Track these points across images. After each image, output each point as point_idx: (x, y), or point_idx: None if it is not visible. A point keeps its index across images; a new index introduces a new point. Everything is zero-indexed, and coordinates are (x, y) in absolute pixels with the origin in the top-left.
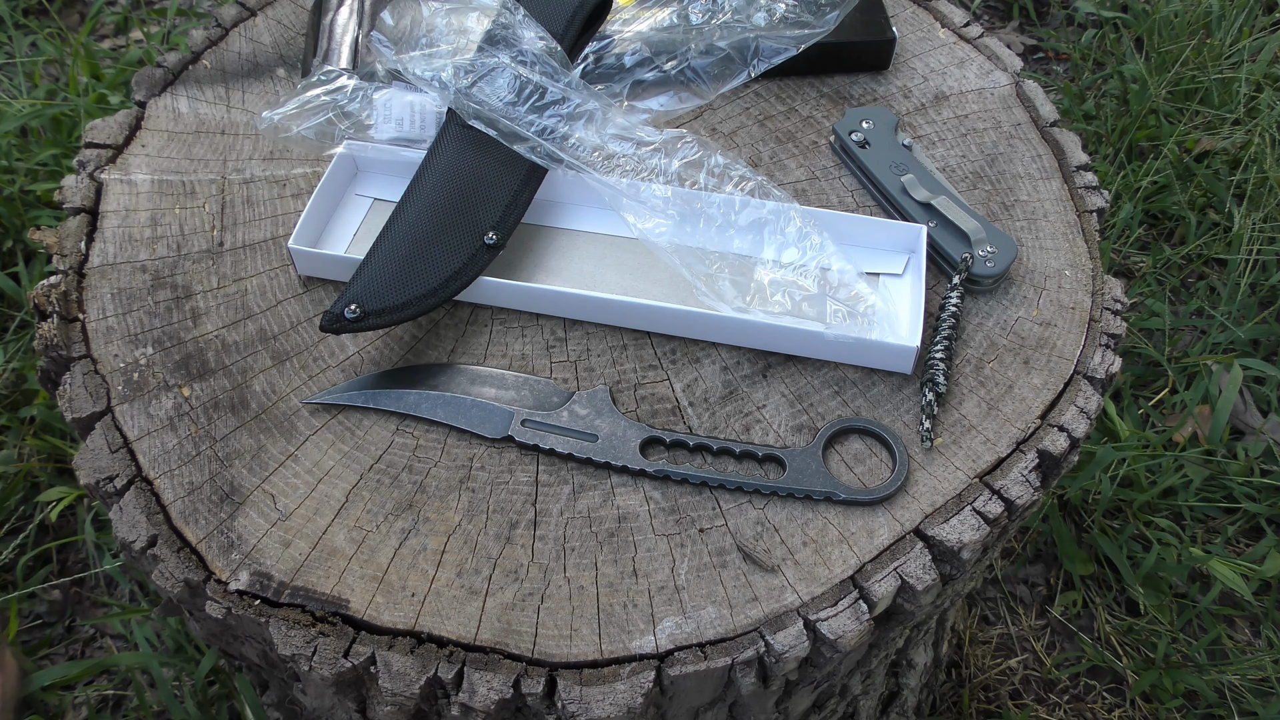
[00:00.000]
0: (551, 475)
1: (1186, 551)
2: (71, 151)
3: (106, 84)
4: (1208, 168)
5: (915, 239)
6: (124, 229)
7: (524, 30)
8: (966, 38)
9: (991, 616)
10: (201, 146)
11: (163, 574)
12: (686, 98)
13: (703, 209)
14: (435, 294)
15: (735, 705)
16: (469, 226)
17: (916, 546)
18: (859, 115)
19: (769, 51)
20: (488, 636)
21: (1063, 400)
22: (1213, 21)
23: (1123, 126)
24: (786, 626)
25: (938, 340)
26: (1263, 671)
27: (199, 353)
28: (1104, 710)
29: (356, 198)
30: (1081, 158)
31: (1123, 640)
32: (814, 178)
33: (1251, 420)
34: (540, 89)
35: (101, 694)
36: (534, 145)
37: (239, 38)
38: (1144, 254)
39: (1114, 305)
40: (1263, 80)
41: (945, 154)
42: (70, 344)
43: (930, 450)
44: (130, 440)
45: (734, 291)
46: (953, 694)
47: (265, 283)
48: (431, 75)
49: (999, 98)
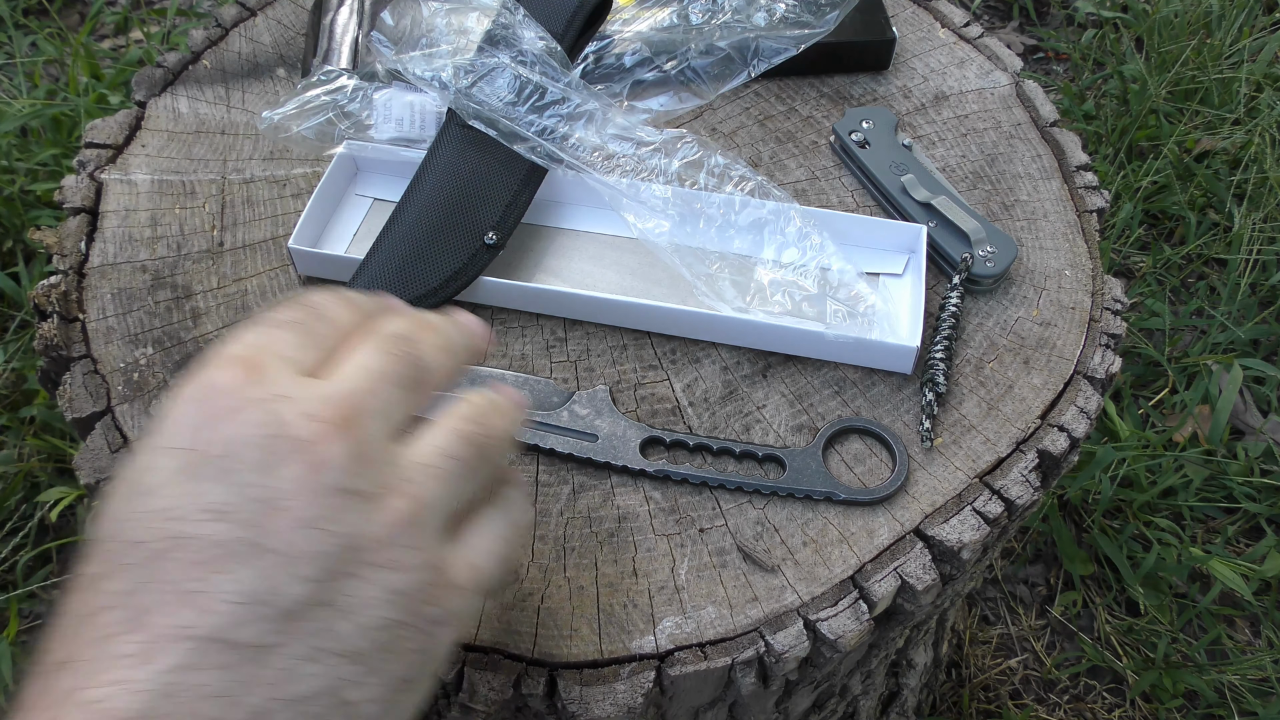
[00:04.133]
0: (551, 475)
1: (1186, 551)
2: (71, 151)
3: (106, 84)
4: (1208, 168)
5: (915, 239)
6: (124, 229)
7: (524, 30)
8: (966, 38)
9: (991, 616)
10: (201, 146)
11: None
12: (686, 98)
13: (703, 209)
14: (435, 294)
15: (735, 705)
16: (469, 226)
17: (916, 546)
18: (859, 115)
19: (769, 51)
20: (487, 637)
21: (1063, 400)
22: (1213, 21)
23: (1123, 126)
24: (786, 626)
25: (938, 340)
26: (1263, 671)
27: (199, 353)
28: (1104, 710)
29: (356, 198)
30: (1081, 158)
31: (1123, 640)
32: (814, 178)
33: (1251, 420)
34: (540, 89)
35: None
36: (534, 145)
37: (239, 38)
38: (1144, 254)
39: (1114, 305)
40: (1263, 80)
41: (945, 154)
42: (70, 344)
43: (930, 450)
44: (131, 440)
45: (734, 291)
46: (953, 694)
47: (265, 283)
48: (431, 75)
49: (999, 98)
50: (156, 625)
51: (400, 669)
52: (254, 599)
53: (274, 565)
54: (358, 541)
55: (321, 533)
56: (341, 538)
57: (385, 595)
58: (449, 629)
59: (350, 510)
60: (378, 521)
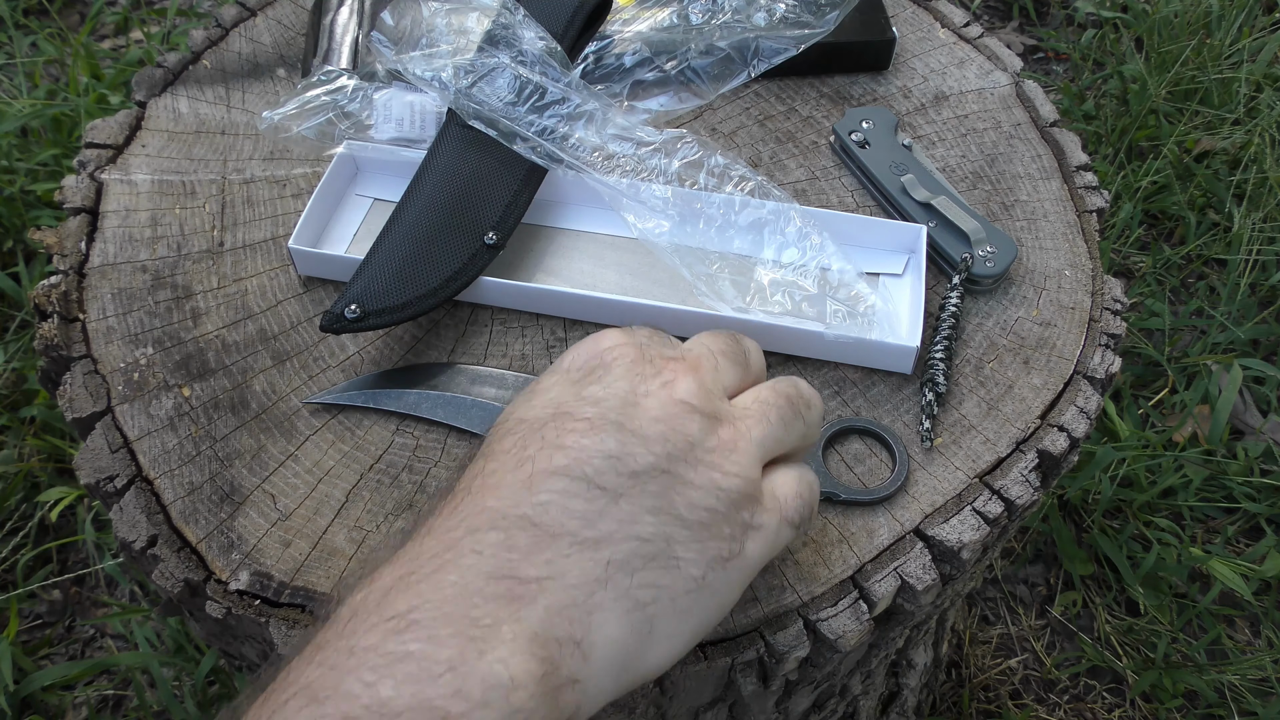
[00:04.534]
0: None
1: (1186, 551)
2: (72, 151)
3: (107, 84)
4: (1207, 168)
5: (915, 239)
6: (124, 229)
7: (524, 30)
8: (966, 38)
9: (991, 616)
10: (202, 146)
11: (163, 574)
12: (686, 98)
13: (703, 209)
14: (435, 294)
15: (735, 705)
16: (469, 226)
17: (916, 546)
18: (859, 115)
19: (769, 51)
20: None
21: (1062, 400)
22: (1212, 22)
23: (1123, 126)
24: (786, 626)
25: (938, 340)
26: (1263, 671)
27: (199, 353)
28: (1104, 710)
29: (356, 198)
30: (1081, 158)
31: (1123, 640)
32: (814, 178)
33: (1251, 420)
34: (540, 89)
35: (101, 694)
36: (534, 145)
37: (239, 38)
38: (1144, 254)
39: (1114, 305)
40: (1263, 80)
41: (945, 154)
42: (70, 344)
43: (930, 450)
44: (130, 440)
45: (734, 291)
46: (953, 694)
47: (265, 283)
48: (431, 75)
49: (999, 98)
50: (537, 464)
51: (717, 548)
52: (612, 457)
53: (630, 439)
54: (694, 441)
55: (668, 427)
56: (682, 436)
57: (710, 486)
58: (759, 538)
59: (691, 421)
60: (711, 435)
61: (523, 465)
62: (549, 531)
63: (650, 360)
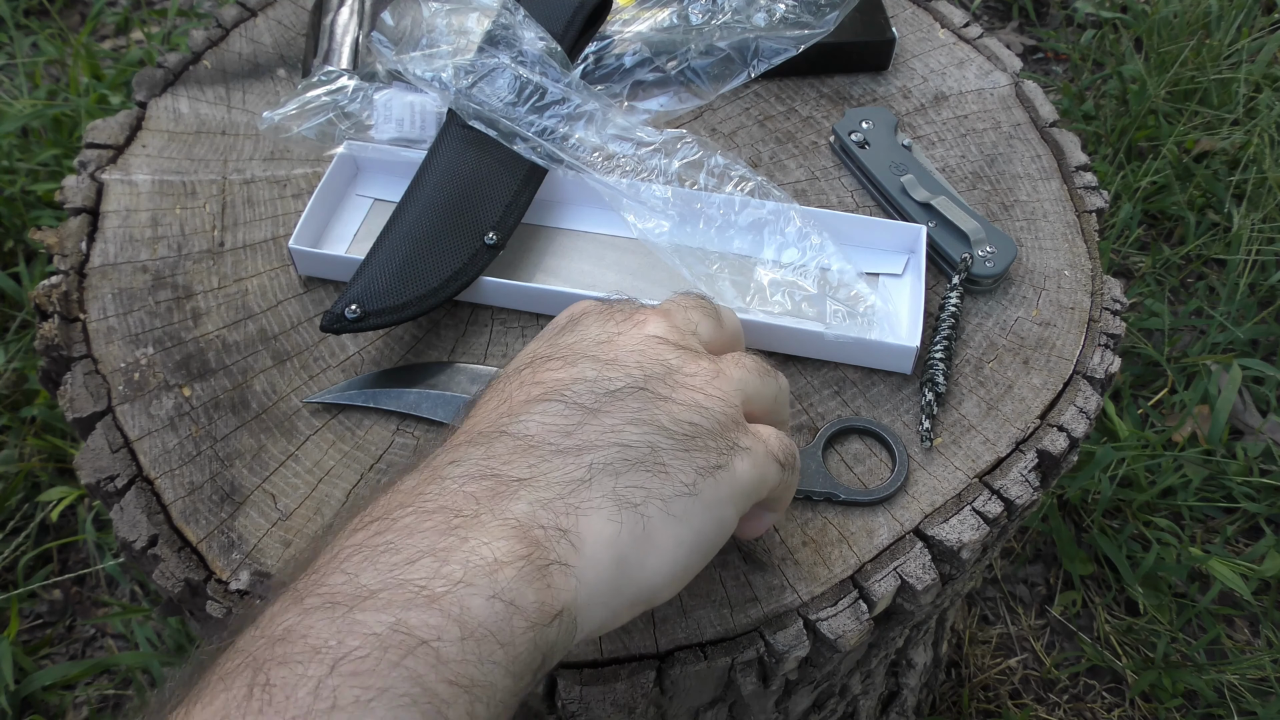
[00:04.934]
0: None
1: (1186, 551)
2: (72, 152)
3: (107, 84)
4: (1207, 168)
5: (915, 239)
6: (125, 229)
7: (524, 30)
8: (966, 38)
9: (991, 616)
10: (202, 147)
11: (163, 574)
12: (686, 98)
13: (703, 209)
14: (435, 294)
15: (735, 705)
16: (469, 226)
17: (916, 546)
18: (859, 115)
19: (769, 51)
20: None
21: (1062, 400)
22: (1212, 22)
23: (1122, 127)
24: (786, 626)
25: (937, 340)
26: (1262, 671)
27: (200, 353)
28: (1104, 710)
29: (357, 198)
30: (1081, 158)
31: (1122, 640)
32: (814, 178)
33: (1251, 420)
34: (540, 89)
35: (102, 694)
36: (534, 145)
37: (239, 38)
38: (1143, 254)
39: (1113, 305)
40: (1262, 80)
41: (945, 154)
42: (71, 344)
43: (930, 450)
44: (131, 440)
45: (734, 291)
46: (953, 694)
47: (266, 283)
48: (431, 75)
49: (999, 98)
50: (515, 398)
51: (705, 458)
52: (588, 381)
53: (605, 366)
54: (672, 366)
55: (644, 356)
56: (659, 362)
57: (692, 404)
58: (747, 460)
59: (668, 351)
60: (689, 364)
61: (503, 403)
62: (529, 442)
63: (620, 309)
